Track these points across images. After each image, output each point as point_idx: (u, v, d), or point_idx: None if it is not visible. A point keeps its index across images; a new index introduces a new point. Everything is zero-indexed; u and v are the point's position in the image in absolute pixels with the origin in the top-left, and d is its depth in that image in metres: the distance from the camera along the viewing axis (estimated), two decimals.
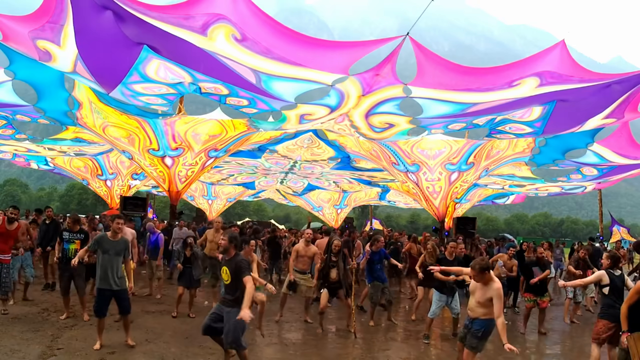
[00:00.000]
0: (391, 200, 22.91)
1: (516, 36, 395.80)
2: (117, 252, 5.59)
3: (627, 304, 4.51)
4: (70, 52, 5.82)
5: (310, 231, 8.07)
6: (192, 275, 7.83)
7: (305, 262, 7.60)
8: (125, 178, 16.01)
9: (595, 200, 19.87)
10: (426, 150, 10.63)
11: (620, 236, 21.05)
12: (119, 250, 5.61)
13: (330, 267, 7.34)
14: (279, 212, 75.33)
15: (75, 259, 5.76)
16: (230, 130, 10.16)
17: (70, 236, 7.07)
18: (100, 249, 5.57)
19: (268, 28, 5.12)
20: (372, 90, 6.61)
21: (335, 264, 7.36)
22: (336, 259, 7.39)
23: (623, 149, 10.19)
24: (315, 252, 7.64)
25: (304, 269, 7.61)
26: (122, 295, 5.66)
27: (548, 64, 5.53)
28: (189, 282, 7.81)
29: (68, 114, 9.54)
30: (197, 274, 7.90)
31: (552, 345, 7.37)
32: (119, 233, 5.69)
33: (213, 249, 8.35)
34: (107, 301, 5.61)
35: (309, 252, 7.59)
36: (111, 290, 5.56)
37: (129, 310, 5.79)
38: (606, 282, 5.30)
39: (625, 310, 4.49)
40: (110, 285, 5.53)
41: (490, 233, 63.69)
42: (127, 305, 5.76)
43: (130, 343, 5.80)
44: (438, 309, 7.14)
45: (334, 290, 7.35)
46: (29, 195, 74.22)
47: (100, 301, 5.59)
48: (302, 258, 7.58)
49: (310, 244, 7.70)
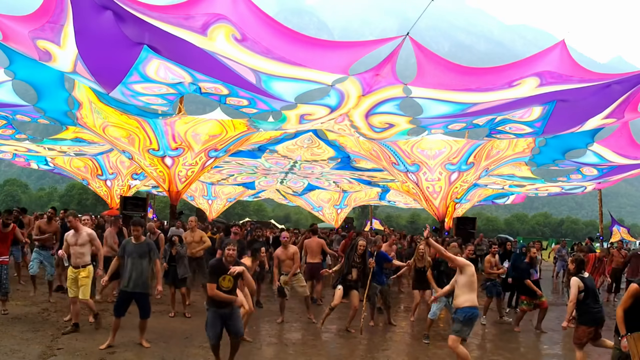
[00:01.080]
0: (391, 200, 22.91)
1: (516, 36, 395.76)
2: (140, 255, 5.73)
3: (622, 307, 4.48)
4: (70, 52, 5.82)
5: (287, 234, 8.29)
6: (177, 273, 7.84)
7: (289, 265, 7.68)
8: (125, 178, 16.00)
9: (595, 200, 19.86)
10: (426, 150, 10.63)
11: (620, 236, 21.04)
12: (142, 253, 5.75)
13: (352, 267, 7.35)
14: (279, 212, 75.31)
15: None
16: (230, 130, 10.16)
17: None
18: (125, 252, 5.75)
19: (268, 28, 5.12)
20: (372, 90, 6.61)
21: (358, 265, 7.39)
22: (360, 260, 7.42)
23: (623, 149, 10.19)
24: (295, 252, 7.80)
25: (289, 270, 7.67)
26: (144, 299, 5.81)
27: (548, 64, 5.54)
28: (172, 281, 7.84)
29: (68, 114, 9.54)
30: (181, 273, 7.90)
31: (552, 345, 7.37)
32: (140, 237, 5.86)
33: (192, 249, 8.38)
34: (127, 303, 5.77)
35: (288, 254, 7.70)
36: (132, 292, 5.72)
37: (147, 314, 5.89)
38: (582, 287, 5.30)
39: (621, 314, 4.46)
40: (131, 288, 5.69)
41: (490, 233, 63.63)
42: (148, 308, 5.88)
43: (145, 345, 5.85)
44: (438, 309, 7.14)
45: (348, 289, 7.36)
46: (29, 195, 74.17)
47: (120, 302, 5.78)
48: (285, 262, 7.68)
49: (288, 246, 7.84)
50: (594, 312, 5.25)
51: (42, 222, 8.61)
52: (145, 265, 5.76)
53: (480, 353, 6.83)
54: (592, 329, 5.23)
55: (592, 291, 5.30)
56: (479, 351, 6.92)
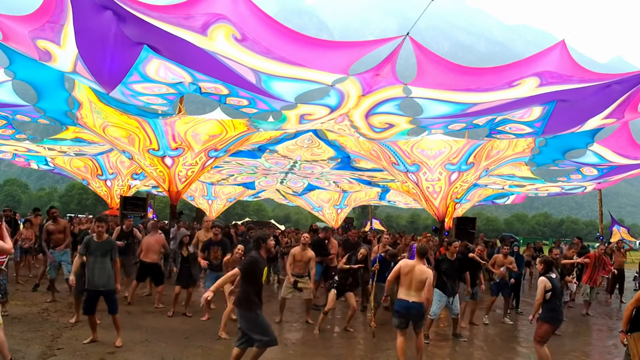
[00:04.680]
0: (391, 200, 22.91)
1: (516, 36, 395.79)
2: (102, 253, 5.68)
3: (634, 306, 4.54)
4: (70, 52, 5.82)
5: (308, 235, 8.01)
6: (191, 274, 7.87)
7: (301, 267, 7.61)
8: (125, 178, 16.00)
9: (595, 200, 19.87)
10: (426, 150, 10.62)
11: (620, 236, 21.04)
12: (104, 251, 5.70)
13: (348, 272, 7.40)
14: (279, 212, 75.31)
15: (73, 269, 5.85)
16: (230, 130, 10.16)
17: None
18: (87, 251, 5.69)
19: (268, 28, 5.12)
20: (372, 90, 6.61)
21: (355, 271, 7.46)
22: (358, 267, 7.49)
23: (623, 149, 10.18)
24: (312, 257, 7.65)
25: (301, 272, 7.62)
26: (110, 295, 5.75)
27: (548, 64, 5.53)
28: (186, 282, 7.86)
29: (68, 114, 9.54)
30: (195, 273, 7.94)
31: (552, 345, 7.37)
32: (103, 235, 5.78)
33: None
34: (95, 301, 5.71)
35: (305, 256, 7.61)
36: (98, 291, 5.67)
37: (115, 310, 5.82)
38: (549, 287, 5.49)
39: (628, 314, 4.56)
40: (96, 286, 5.65)
41: (490, 233, 63.62)
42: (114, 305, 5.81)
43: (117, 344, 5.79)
44: (438, 309, 7.15)
45: (343, 291, 7.36)
46: (29, 195, 74.15)
47: (88, 300, 5.72)
48: (299, 263, 7.61)
49: (307, 248, 7.70)
50: (559, 312, 5.55)
51: (49, 223, 8.42)
52: (108, 263, 5.73)
53: (481, 353, 6.83)
54: (556, 327, 5.59)
55: (557, 290, 5.53)
56: (479, 351, 6.92)
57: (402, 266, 5.56)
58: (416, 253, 5.75)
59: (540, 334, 5.57)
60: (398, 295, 5.59)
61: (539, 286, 5.57)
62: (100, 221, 5.81)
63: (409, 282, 5.46)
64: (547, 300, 5.49)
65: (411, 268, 5.48)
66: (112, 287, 5.76)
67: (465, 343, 7.21)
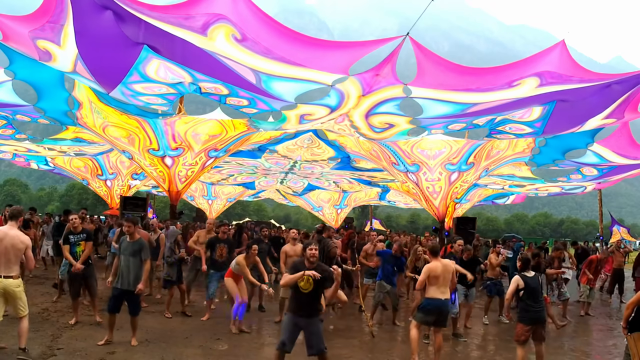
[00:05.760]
0: (391, 200, 22.91)
1: (516, 36, 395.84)
2: (131, 253, 5.75)
3: (633, 304, 4.55)
4: (70, 52, 5.82)
5: (295, 231, 8.30)
6: (181, 273, 7.98)
7: None
8: (125, 178, 15.99)
9: (595, 200, 19.86)
10: (426, 151, 10.62)
11: (621, 236, 21.06)
12: (133, 251, 5.76)
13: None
14: (279, 212, 75.30)
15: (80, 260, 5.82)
16: (230, 130, 10.15)
17: (75, 238, 6.86)
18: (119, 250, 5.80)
19: (268, 28, 5.12)
20: (372, 90, 6.61)
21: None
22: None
23: (623, 149, 10.19)
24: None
25: None
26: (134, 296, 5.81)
27: (548, 64, 5.53)
28: (178, 281, 7.93)
29: (68, 113, 9.53)
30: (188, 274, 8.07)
31: (551, 345, 7.37)
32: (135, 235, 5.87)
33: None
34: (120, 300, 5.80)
35: (297, 251, 7.67)
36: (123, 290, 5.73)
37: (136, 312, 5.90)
38: (522, 286, 5.48)
39: (628, 313, 4.56)
40: (122, 285, 5.73)
41: (490, 233, 63.63)
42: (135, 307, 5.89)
43: (133, 343, 5.86)
44: (455, 307, 7.19)
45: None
46: (29, 195, 74.10)
47: (113, 299, 5.81)
48: (291, 258, 7.64)
49: (296, 242, 7.82)
50: (532, 312, 5.46)
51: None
52: (137, 264, 5.77)
53: (481, 353, 6.83)
54: (528, 327, 5.46)
55: (533, 290, 5.47)
56: (479, 351, 6.93)
57: (430, 269, 5.75)
58: (429, 252, 5.97)
59: (515, 334, 5.60)
60: (429, 295, 5.73)
61: (511, 284, 5.56)
62: (128, 222, 5.85)
63: (441, 280, 5.71)
64: (521, 299, 5.50)
65: (437, 266, 5.73)
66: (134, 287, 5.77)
67: (465, 343, 7.21)
